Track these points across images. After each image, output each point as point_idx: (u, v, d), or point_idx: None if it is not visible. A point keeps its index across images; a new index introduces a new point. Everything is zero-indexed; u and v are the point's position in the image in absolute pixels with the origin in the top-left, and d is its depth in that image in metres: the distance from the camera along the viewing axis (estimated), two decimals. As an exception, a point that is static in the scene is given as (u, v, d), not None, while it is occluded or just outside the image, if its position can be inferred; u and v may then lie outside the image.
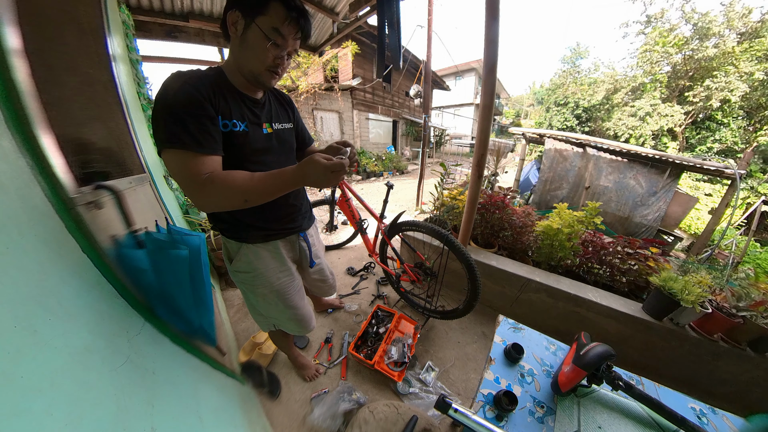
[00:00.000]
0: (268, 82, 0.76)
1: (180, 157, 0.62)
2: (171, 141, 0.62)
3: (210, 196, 0.65)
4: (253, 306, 1.08)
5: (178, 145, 0.62)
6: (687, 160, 4.30)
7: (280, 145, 0.90)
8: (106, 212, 0.83)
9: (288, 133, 0.95)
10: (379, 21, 1.74)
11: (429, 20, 4.60)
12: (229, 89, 0.75)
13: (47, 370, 0.40)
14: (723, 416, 0.78)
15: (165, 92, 0.63)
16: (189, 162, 0.63)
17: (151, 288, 0.75)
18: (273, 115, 0.89)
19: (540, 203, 5.21)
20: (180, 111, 0.62)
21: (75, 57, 1.01)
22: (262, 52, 0.70)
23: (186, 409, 0.72)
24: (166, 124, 0.62)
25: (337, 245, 3.00)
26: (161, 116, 0.62)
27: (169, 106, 0.62)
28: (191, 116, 0.63)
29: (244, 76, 0.75)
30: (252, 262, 0.94)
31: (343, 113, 9.45)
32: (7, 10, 0.52)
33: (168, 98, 0.62)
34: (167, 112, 0.62)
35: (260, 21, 0.66)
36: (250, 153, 0.79)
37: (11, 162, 0.47)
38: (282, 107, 0.96)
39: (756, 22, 11.30)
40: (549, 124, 17.10)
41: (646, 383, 0.86)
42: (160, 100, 0.62)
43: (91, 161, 0.91)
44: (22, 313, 0.40)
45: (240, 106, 0.77)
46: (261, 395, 1.36)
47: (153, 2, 2.00)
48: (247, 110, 0.79)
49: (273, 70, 0.74)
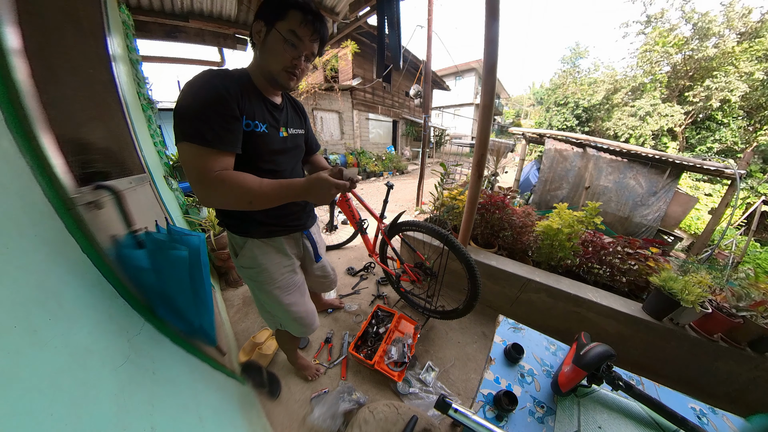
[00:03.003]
0: (286, 82, 0.80)
1: (196, 151, 0.65)
2: (193, 135, 0.64)
3: (217, 193, 0.68)
4: (261, 303, 1.09)
5: (198, 140, 0.64)
6: (687, 160, 4.30)
7: (291, 149, 0.95)
8: (106, 212, 0.83)
9: (300, 138, 1.01)
10: (379, 21, 1.74)
11: (429, 20, 4.60)
12: (254, 92, 0.80)
13: (47, 370, 0.40)
14: (723, 416, 0.78)
15: (196, 88, 0.66)
16: (205, 157, 0.66)
17: (151, 288, 0.75)
18: (289, 120, 0.94)
19: (540, 203, 5.21)
20: (208, 107, 0.66)
21: (75, 57, 1.01)
22: (281, 54, 0.75)
23: (186, 409, 0.72)
24: (192, 118, 0.65)
25: (337, 245, 3.00)
26: (189, 110, 0.65)
27: (198, 102, 0.65)
28: (217, 114, 0.67)
29: (264, 77, 0.80)
30: (257, 257, 0.96)
31: (343, 113, 9.45)
32: (7, 10, 0.52)
33: (198, 94, 0.66)
34: (196, 107, 0.65)
35: (279, 26, 0.73)
36: (266, 153, 0.84)
37: (11, 162, 0.47)
38: (296, 114, 1.01)
39: (756, 22, 11.30)
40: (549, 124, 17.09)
41: (646, 383, 0.85)
42: (190, 95, 0.65)
43: (91, 161, 0.90)
44: (22, 313, 0.40)
45: (262, 109, 0.82)
46: (261, 395, 1.36)
47: (153, 2, 2.00)
48: (268, 113, 0.84)
49: (290, 71, 0.78)
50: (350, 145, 10.04)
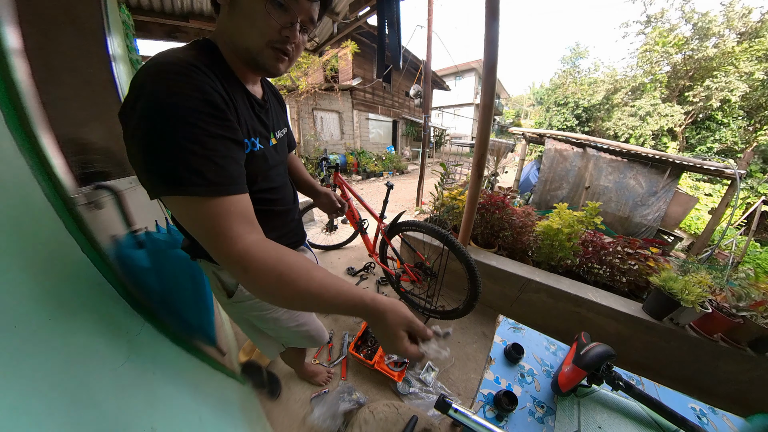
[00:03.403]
0: (273, 64, 0.52)
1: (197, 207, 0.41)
2: (183, 180, 0.39)
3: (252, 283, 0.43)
4: (258, 334, 0.90)
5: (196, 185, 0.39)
6: (687, 160, 4.30)
7: (282, 157, 0.73)
8: (106, 212, 0.83)
9: (285, 138, 0.77)
10: (379, 21, 1.74)
11: (429, 20, 4.60)
12: (236, 84, 0.54)
13: (47, 370, 0.40)
14: (723, 416, 0.78)
15: (159, 95, 0.38)
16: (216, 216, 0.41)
17: (151, 288, 0.75)
18: (275, 120, 0.70)
19: (540, 203, 5.21)
20: (192, 125, 0.39)
21: (75, 57, 1.01)
22: (261, 20, 0.47)
23: (186, 409, 0.72)
24: (171, 148, 0.38)
25: (337, 245, 3.00)
26: (159, 137, 0.38)
27: (179, 116, 0.38)
28: (210, 134, 0.41)
29: (238, 56, 0.52)
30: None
31: (343, 113, 9.45)
32: (7, 10, 0.52)
33: (173, 102, 0.39)
34: (176, 126, 0.38)
35: None
36: (260, 174, 0.61)
37: (11, 162, 0.47)
38: (280, 107, 0.78)
39: (756, 22, 11.30)
40: (549, 124, 17.09)
41: (646, 383, 0.85)
42: (159, 105, 0.38)
43: (91, 161, 0.90)
44: (22, 313, 0.40)
45: (250, 113, 0.56)
46: (261, 395, 1.36)
47: (153, 2, 2.00)
48: (256, 118, 0.59)
49: (279, 48, 0.50)
50: (350, 145, 10.05)
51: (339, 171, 1.97)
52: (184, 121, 0.39)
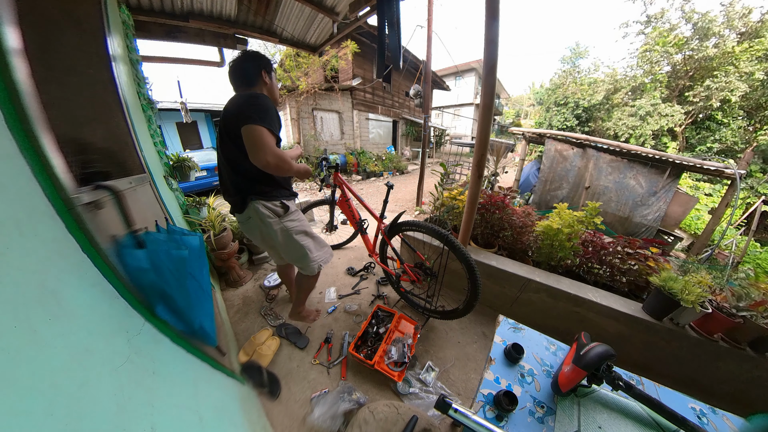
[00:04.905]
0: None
1: (269, 134, 1.07)
2: (271, 126, 1.09)
3: (275, 160, 1.07)
4: (294, 249, 1.39)
5: (273, 129, 1.10)
6: (687, 160, 4.29)
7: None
8: (106, 212, 0.83)
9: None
10: (379, 21, 1.74)
11: (429, 20, 4.60)
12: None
13: (47, 370, 0.40)
14: (723, 416, 0.78)
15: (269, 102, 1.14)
16: (272, 139, 1.09)
17: (151, 288, 0.75)
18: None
19: (540, 203, 5.20)
20: (275, 114, 1.14)
21: (75, 57, 1.01)
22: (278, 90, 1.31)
23: (186, 409, 0.72)
24: (272, 117, 1.11)
25: (337, 245, 3.00)
26: (271, 112, 1.11)
27: (273, 110, 1.14)
28: (278, 119, 1.17)
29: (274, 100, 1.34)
30: (296, 210, 1.41)
31: (343, 113, 9.45)
32: (7, 10, 0.52)
33: (271, 106, 1.14)
34: (273, 112, 1.13)
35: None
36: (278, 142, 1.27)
37: (11, 162, 0.47)
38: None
39: (756, 22, 11.29)
40: (549, 124, 17.07)
41: (646, 383, 0.86)
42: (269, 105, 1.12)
43: (91, 161, 0.90)
44: (22, 313, 0.40)
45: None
46: (261, 395, 1.36)
47: (153, 2, 2.00)
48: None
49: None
50: (350, 145, 10.05)
51: (339, 171, 1.97)
52: (273, 111, 1.15)
